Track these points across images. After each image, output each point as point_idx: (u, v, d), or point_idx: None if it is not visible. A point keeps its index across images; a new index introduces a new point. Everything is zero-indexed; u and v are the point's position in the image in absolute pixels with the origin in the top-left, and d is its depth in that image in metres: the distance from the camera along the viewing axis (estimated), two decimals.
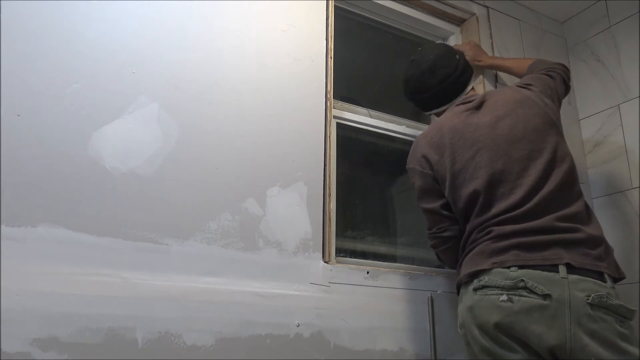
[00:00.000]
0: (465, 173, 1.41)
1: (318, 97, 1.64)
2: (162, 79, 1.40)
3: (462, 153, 1.43)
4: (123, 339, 1.16)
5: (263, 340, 1.32)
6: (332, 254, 1.55)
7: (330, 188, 1.59)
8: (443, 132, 1.48)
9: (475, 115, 1.48)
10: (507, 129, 1.42)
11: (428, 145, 1.49)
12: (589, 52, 2.33)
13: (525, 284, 1.23)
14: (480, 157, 1.40)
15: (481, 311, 1.28)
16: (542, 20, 2.40)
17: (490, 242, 1.32)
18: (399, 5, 2.05)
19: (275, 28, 1.62)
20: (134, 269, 1.23)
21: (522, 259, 1.27)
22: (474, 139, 1.43)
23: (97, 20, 1.35)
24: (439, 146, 1.47)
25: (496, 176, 1.37)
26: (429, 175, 1.48)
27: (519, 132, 1.41)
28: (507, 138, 1.40)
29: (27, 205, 1.16)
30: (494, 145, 1.40)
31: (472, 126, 1.45)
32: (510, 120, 1.43)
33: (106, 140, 1.29)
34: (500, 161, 1.38)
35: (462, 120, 1.48)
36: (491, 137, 1.41)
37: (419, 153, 1.51)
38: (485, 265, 1.30)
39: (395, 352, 1.49)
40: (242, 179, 1.43)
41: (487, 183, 1.37)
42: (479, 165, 1.39)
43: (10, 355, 1.05)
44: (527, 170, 1.36)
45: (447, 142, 1.46)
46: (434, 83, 1.59)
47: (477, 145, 1.42)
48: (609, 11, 2.27)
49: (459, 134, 1.45)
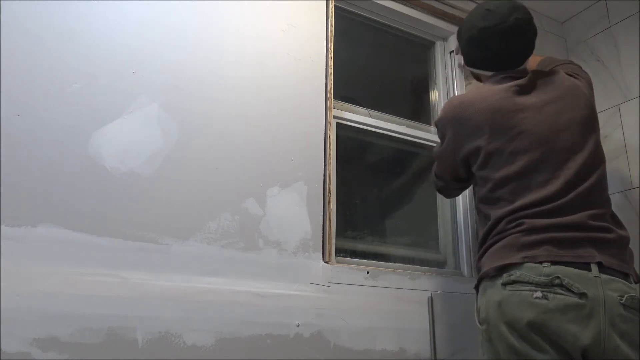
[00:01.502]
0: (500, 155, 1.34)
1: (318, 97, 1.64)
2: (162, 79, 1.40)
3: (500, 133, 1.34)
4: (123, 339, 1.16)
5: (263, 340, 1.32)
6: (332, 254, 1.55)
7: (330, 188, 1.59)
8: (485, 105, 1.38)
9: (522, 94, 1.40)
10: (553, 116, 1.35)
11: (465, 113, 1.40)
12: (589, 52, 2.33)
13: (561, 281, 1.18)
14: (520, 141, 1.33)
15: (511, 307, 1.21)
16: (542, 20, 2.39)
17: (521, 235, 1.26)
18: (399, 5, 2.05)
19: (275, 28, 1.62)
20: (134, 269, 1.23)
21: (554, 255, 1.21)
22: (516, 121, 1.34)
23: (97, 20, 1.35)
24: (477, 120, 1.37)
25: (533, 164, 1.30)
26: (453, 144, 1.43)
27: (564, 122, 1.35)
28: (551, 125, 1.34)
29: (27, 205, 1.16)
30: (536, 131, 1.33)
31: (517, 106, 1.37)
32: (557, 106, 1.37)
33: (106, 140, 1.29)
34: (541, 149, 1.31)
35: (508, 98, 1.38)
36: (534, 122, 1.34)
37: (453, 114, 1.43)
38: (516, 259, 1.24)
39: (395, 352, 1.49)
40: (242, 179, 1.43)
41: (523, 170, 1.30)
42: (517, 149, 1.32)
43: (10, 355, 1.05)
44: (567, 162, 1.30)
45: (486, 118, 1.36)
46: (517, 43, 1.47)
47: (519, 128, 1.33)
48: (609, 11, 2.27)
49: (501, 113, 1.36)
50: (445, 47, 2.22)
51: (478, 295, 1.36)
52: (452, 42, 2.20)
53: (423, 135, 1.99)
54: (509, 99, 1.38)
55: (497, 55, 1.48)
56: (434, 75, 2.20)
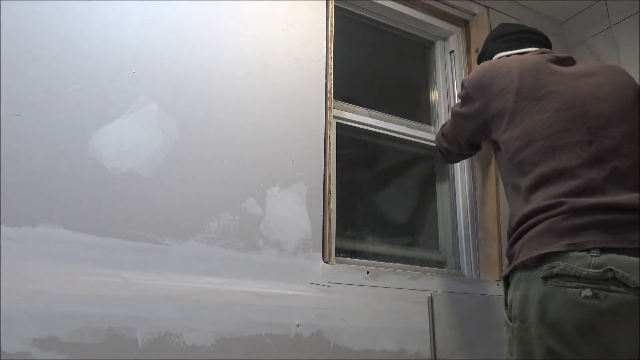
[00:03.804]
0: (525, 114, 1.22)
1: (318, 97, 1.64)
2: (162, 79, 1.40)
3: (528, 92, 1.24)
4: (123, 339, 1.16)
5: (263, 340, 1.32)
6: (332, 254, 1.55)
7: (330, 188, 1.59)
8: (515, 65, 1.30)
9: (558, 63, 1.31)
10: (591, 85, 1.24)
11: (495, 72, 1.32)
12: (589, 52, 2.33)
13: (615, 274, 1.01)
14: (550, 100, 1.21)
15: (555, 307, 1.05)
16: (542, 20, 2.40)
17: (562, 219, 1.09)
18: (399, 5, 2.06)
19: (275, 28, 1.62)
20: (134, 269, 1.23)
21: (604, 240, 1.05)
22: (547, 82, 1.24)
23: (97, 20, 1.35)
24: (506, 80, 1.28)
25: (562, 124, 1.17)
26: (474, 108, 1.36)
27: (604, 92, 1.22)
28: (587, 91, 1.22)
29: (27, 205, 1.16)
30: (568, 92, 1.21)
31: (551, 70, 1.27)
32: (597, 79, 1.26)
33: (106, 140, 1.29)
34: (573, 111, 1.19)
35: (542, 63, 1.29)
36: (568, 86, 1.23)
37: (482, 74, 1.35)
38: (558, 247, 1.07)
39: (395, 352, 1.49)
40: (242, 179, 1.43)
41: (550, 129, 1.18)
42: (545, 108, 1.20)
43: (10, 355, 1.05)
44: (607, 131, 1.16)
45: (515, 76, 1.27)
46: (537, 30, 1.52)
47: (549, 88, 1.22)
48: (609, 11, 2.27)
49: (532, 72, 1.26)
50: (445, 47, 2.22)
51: (509, 288, 1.20)
52: (452, 42, 2.20)
53: (423, 135, 1.99)
54: (542, 64, 1.29)
55: (533, 32, 1.49)
56: (434, 75, 2.20)
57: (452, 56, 2.18)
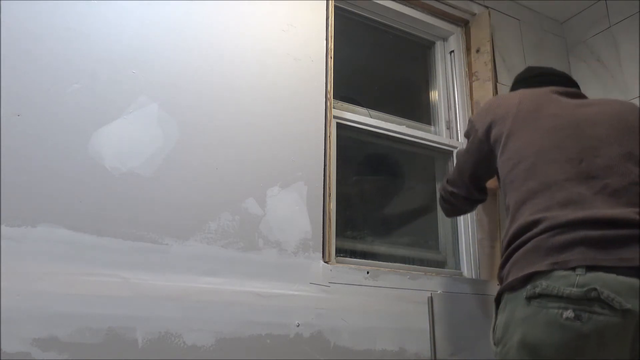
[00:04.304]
0: (521, 133, 1.22)
1: (318, 97, 1.64)
2: (162, 78, 1.40)
3: (525, 115, 1.24)
4: (123, 339, 1.16)
5: (263, 340, 1.32)
6: (332, 254, 1.55)
7: (330, 188, 1.59)
8: (517, 94, 1.33)
9: (561, 94, 1.30)
10: (591, 113, 1.21)
11: (496, 102, 1.36)
12: (589, 52, 2.33)
13: (600, 294, 0.94)
14: (545, 120, 1.21)
15: (537, 329, 0.99)
16: (542, 20, 2.40)
17: (548, 236, 1.04)
18: (399, 5, 2.06)
19: (275, 28, 1.62)
20: (134, 269, 1.23)
21: (591, 258, 0.98)
22: (545, 106, 1.24)
23: (97, 20, 1.35)
24: (506, 106, 1.30)
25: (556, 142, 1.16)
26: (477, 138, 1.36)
27: (601, 118, 1.20)
28: (585, 116, 1.20)
29: (27, 205, 1.16)
30: (567, 116, 1.21)
31: (551, 98, 1.27)
32: (598, 107, 1.24)
33: (106, 140, 1.29)
34: (568, 131, 1.17)
35: (544, 93, 1.30)
36: (567, 110, 1.22)
37: (485, 107, 1.40)
38: (543, 266, 1.02)
39: (395, 352, 1.49)
40: (242, 179, 1.43)
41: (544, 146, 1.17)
42: (540, 127, 1.20)
43: (10, 355, 1.05)
44: (601, 150, 1.13)
45: (515, 103, 1.29)
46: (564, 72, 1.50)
47: (546, 111, 1.22)
48: (609, 11, 2.27)
49: (532, 98, 1.28)
50: (445, 47, 2.22)
51: (497, 311, 1.15)
52: (452, 43, 2.20)
53: (423, 135, 1.99)
54: (545, 93, 1.30)
55: (544, 74, 1.46)
56: (434, 75, 2.20)
57: (452, 56, 2.18)
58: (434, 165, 2.08)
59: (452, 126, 2.09)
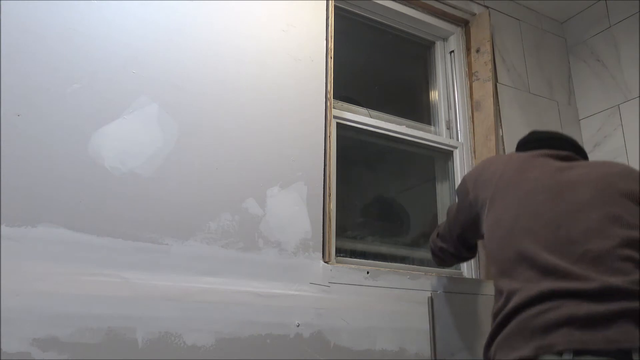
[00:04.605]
0: (502, 199, 1.18)
1: (318, 97, 1.64)
2: (162, 79, 1.40)
3: (508, 181, 1.19)
4: (123, 339, 1.16)
5: (263, 340, 1.32)
6: (332, 254, 1.55)
7: (330, 188, 1.59)
8: (505, 159, 1.29)
9: (550, 158, 1.23)
10: (575, 175, 1.14)
11: (485, 165, 1.33)
12: (589, 52, 2.33)
13: None
14: (525, 184, 1.15)
15: None
16: (542, 20, 2.40)
17: (530, 316, 0.98)
18: (399, 5, 2.06)
19: (275, 28, 1.62)
20: (134, 269, 1.23)
21: (577, 341, 0.91)
22: (529, 172, 1.18)
23: (97, 20, 1.35)
24: (492, 171, 1.27)
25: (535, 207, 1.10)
26: (467, 200, 1.33)
27: (585, 180, 1.12)
28: (568, 178, 1.13)
29: (27, 205, 1.16)
30: (548, 178, 1.14)
31: (537, 163, 1.21)
32: (585, 169, 1.16)
33: (106, 140, 1.29)
34: (546, 194, 1.11)
35: (533, 157, 1.24)
36: (551, 173, 1.16)
37: (475, 170, 1.37)
38: (527, 350, 0.95)
39: (395, 352, 1.49)
40: (242, 179, 1.43)
41: (522, 212, 1.11)
42: (520, 193, 1.14)
43: (10, 355, 1.05)
44: (582, 214, 1.06)
45: (501, 168, 1.24)
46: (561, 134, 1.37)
47: (528, 175, 1.17)
48: (609, 11, 2.27)
49: (517, 164, 1.23)
50: (445, 47, 2.22)
51: None
52: (452, 43, 2.20)
53: (423, 135, 1.99)
54: (533, 156, 1.24)
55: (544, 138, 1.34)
56: (434, 75, 2.20)
57: (452, 56, 2.18)
58: (433, 165, 2.08)
59: (452, 126, 2.09)
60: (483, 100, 2.05)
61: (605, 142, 2.19)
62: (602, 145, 2.19)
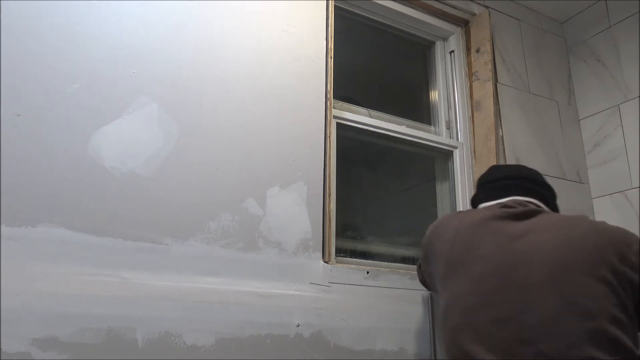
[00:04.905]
0: (449, 282, 1.12)
1: (318, 97, 1.64)
2: (162, 78, 1.40)
3: (455, 261, 1.13)
4: (123, 339, 1.16)
5: (263, 340, 1.32)
6: (332, 254, 1.55)
7: (330, 188, 1.59)
8: (454, 224, 1.19)
9: (504, 220, 1.11)
10: (530, 246, 1.03)
11: (435, 234, 1.27)
12: (589, 52, 2.33)
13: None
14: (473, 266, 1.07)
15: None
16: (542, 20, 2.40)
17: None
18: (399, 5, 2.06)
19: (275, 28, 1.62)
20: (134, 269, 1.23)
21: None
22: (479, 244, 1.09)
23: (97, 19, 1.35)
24: (440, 245, 1.21)
25: (483, 298, 1.02)
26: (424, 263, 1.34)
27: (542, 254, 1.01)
28: (522, 252, 1.02)
29: (27, 205, 1.16)
30: (500, 256, 1.04)
31: (490, 228, 1.10)
32: (543, 236, 1.04)
33: (106, 140, 1.29)
34: (496, 279, 1.02)
35: (484, 220, 1.13)
36: (503, 247, 1.05)
37: (428, 235, 1.32)
38: None
39: (395, 352, 1.49)
40: (242, 179, 1.43)
41: (469, 304, 1.04)
42: (466, 276, 1.07)
43: (10, 355, 1.05)
44: (535, 303, 0.97)
45: (449, 241, 1.17)
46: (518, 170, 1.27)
47: (478, 252, 1.07)
48: (609, 11, 2.27)
49: (466, 235, 1.13)
50: (445, 47, 2.22)
51: None
52: (452, 43, 2.20)
53: (423, 135, 1.99)
54: (483, 223, 1.12)
55: (504, 178, 1.24)
56: (434, 75, 2.20)
57: (452, 56, 2.18)
58: (433, 165, 2.08)
59: (452, 126, 2.09)
60: (483, 100, 2.05)
61: (605, 142, 2.19)
62: (602, 145, 2.19)
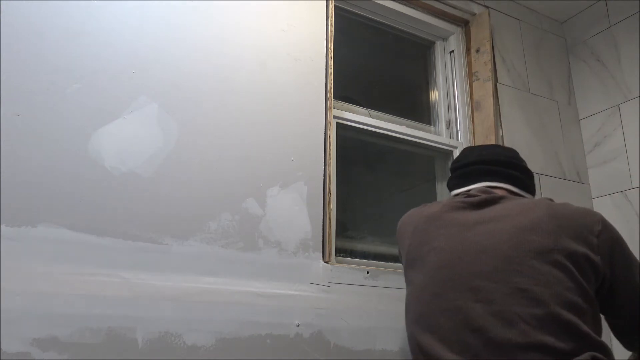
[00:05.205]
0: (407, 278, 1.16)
1: (318, 97, 1.64)
2: (162, 78, 1.40)
3: (414, 255, 1.15)
4: (123, 339, 1.16)
5: (263, 340, 1.32)
6: (332, 253, 1.55)
7: (330, 188, 1.59)
8: (415, 219, 1.22)
9: (461, 210, 1.13)
10: (484, 235, 1.03)
11: (400, 230, 1.28)
12: (589, 52, 2.33)
13: None
14: (428, 259, 1.09)
15: None
16: (542, 20, 2.40)
17: None
18: (399, 5, 2.06)
19: (275, 28, 1.62)
20: (134, 269, 1.23)
21: None
22: (433, 236, 1.11)
23: (97, 20, 1.35)
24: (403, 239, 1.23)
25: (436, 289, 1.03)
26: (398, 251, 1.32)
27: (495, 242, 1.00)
28: (474, 242, 1.03)
29: (27, 205, 1.16)
30: (451, 247, 1.06)
31: (444, 220, 1.12)
32: (498, 224, 1.03)
33: (106, 140, 1.29)
34: (447, 270, 1.03)
35: (436, 213, 1.15)
36: (455, 237, 1.06)
37: (397, 229, 1.31)
38: None
39: (395, 352, 1.49)
40: (242, 179, 1.43)
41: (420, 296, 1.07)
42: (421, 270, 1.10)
43: (10, 355, 1.05)
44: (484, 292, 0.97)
45: (409, 235, 1.19)
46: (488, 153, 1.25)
47: (431, 245, 1.09)
48: (609, 11, 2.27)
49: (423, 228, 1.15)
50: (445, 47, 2.22)
51: None
52: (452, 43, 2.20)
53: (423, 135, 1.99)
54: (437, 216, 1.14)
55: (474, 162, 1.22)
56: (434, 75, 2.20)
57: (452, 56, 2.18)
58: (433, 165, 2.08)
59: (452, 126, 2.09)
60: (483, 100, 2.05)
61: (605, 142, 2.19)
62: (602, 145, 2.19)
